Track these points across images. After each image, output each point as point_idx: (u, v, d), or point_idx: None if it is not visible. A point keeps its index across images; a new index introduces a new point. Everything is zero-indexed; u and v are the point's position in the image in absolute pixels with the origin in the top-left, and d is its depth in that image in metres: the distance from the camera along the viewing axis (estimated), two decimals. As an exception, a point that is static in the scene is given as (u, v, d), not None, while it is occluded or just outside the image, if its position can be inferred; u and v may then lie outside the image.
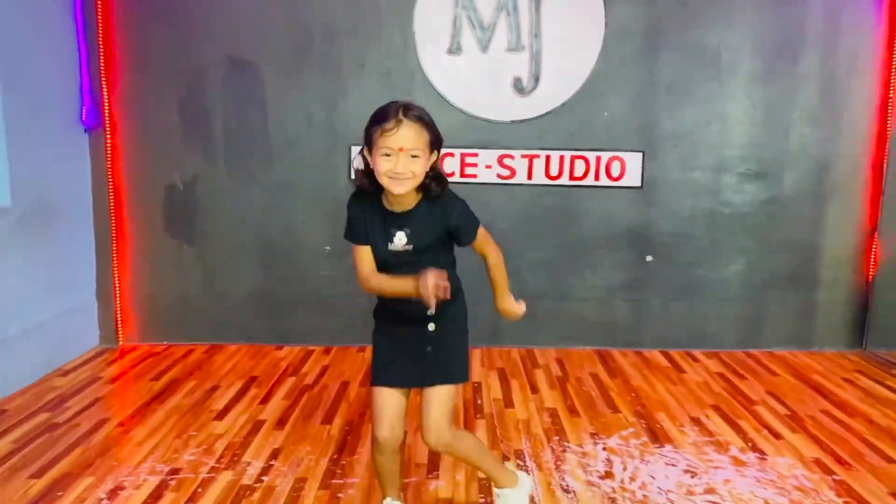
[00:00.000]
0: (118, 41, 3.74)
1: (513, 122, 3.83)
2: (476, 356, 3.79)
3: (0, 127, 3.14)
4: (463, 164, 3.84)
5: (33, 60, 3.35)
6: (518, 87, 3.80)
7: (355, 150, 3.78)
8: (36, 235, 3.38)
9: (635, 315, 3.99)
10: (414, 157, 1.81)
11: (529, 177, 3.85)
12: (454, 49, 3.76)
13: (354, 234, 1.96)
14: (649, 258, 3.95)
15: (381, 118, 1.82)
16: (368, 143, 1.87)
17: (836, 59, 3.79)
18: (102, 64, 3.72)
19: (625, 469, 2.55)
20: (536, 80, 3.80)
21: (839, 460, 2.62)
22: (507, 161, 3.84)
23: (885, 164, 3.82)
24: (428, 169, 1.88)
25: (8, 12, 3.17)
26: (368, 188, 1.92)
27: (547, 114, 3.82)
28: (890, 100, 3.77)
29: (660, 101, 3.83)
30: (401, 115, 1.80)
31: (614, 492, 2.38)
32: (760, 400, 3.23)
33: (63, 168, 3.63)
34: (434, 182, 1.91)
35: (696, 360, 3.81)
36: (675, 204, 3.91)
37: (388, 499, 2.09)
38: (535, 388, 3.36)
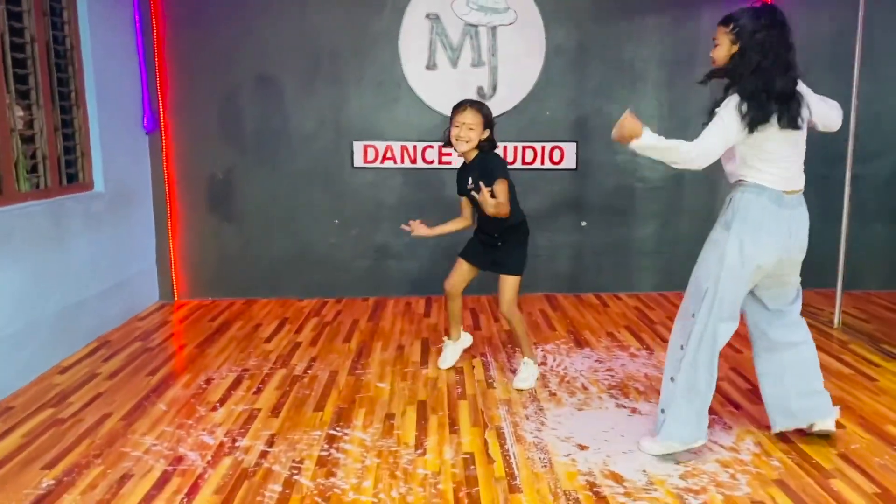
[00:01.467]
0: (169, 62, 4.83)
1: (477, 120, 4.98)
2: (453, 301, 4.96)
3: (96, 133, 4.24)
4: (440, 154, 4.98)
5: (113, 80, 4.43)
6: (481, 93, 4.94)
7: (357, 143, 4.95)
8: (119, 214, 4.48)
9: (574, 267, 5.18)
10: (471, 129, 3.22)
11: (491, 162, 5.00)
12: (431, 65, 4.90)
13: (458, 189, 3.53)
14: (584, 223, 5.12)
15: (456, 107, 3.29)
16: (450, 122, 3.33)
17: (722, 67, 4.97)
18: (159, 81, 4.81)
19: (554, 360, 3.73)
20: (494, 88, 4.94)
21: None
22: (473, 150, 4.99)
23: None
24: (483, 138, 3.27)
25: (97, 42, 4.25)
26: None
27: (503, 114, 4.96)
28: (763, 98, 4.96)
29: (588, 101, 4.99)
30: (465, 105, 3.27)
31: (545, 372, 3.56)
32: (660, 322, 4.43)
33: (133, 162, 4.72)
34: (486, 142, 3.30)
35: (619, 299, 5.01)
36: (603, 181, 5.08)
37: (447, 338, 3.65)
38: (496, 319, 4.53)
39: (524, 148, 5.01)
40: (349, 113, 4.96)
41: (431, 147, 4.97)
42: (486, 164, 3.27)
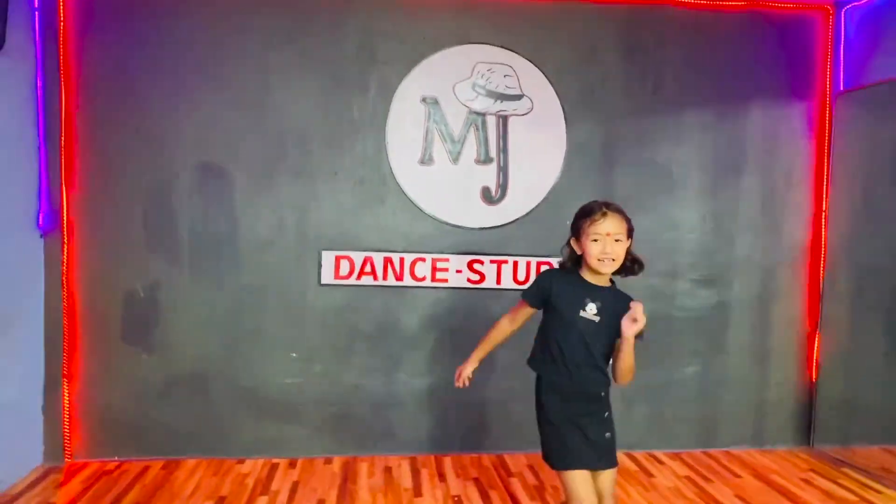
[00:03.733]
0: (80, 143, 3.65)
1: (482, 228, 3.94)
2: (447, 464, 3.75)
3: (-39, 237, 2.98)
4: (434, 269, 3.89)
5: (1, 162, 3.22)
6: (487, 196, 3.93)
7: (326, 254, 3.82)
8: (-12, 349, 3.17)
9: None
10: (617, 241, 2.31)
11: (498, 281, 3.94)
12: (426, 160, 3.87)
13: (533, 297, 2.51)
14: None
15: (588, 212, 2.38)
16: (577, 232, 2.41)
17: (774, 174, 4.14)
18: (63, 167, 3.61)
19: (626, 588, 2.57)
20: (503, 190, 3.94)
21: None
22: (476, 266, 3.93)
23: (822, 270, 4.14)
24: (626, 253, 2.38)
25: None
26: (567, 265, 2.47)
27: (514, 221, 3.96)
28: (823, 211, 4.13)
29: (618, 211, 4.03)
30: (604, 209, 2.36)
31: None
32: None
33: (16, 273, 3.44)
34: (635, 264, 2.43)
35: (660, 462, 3.91)
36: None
37: None
38: (514, 500, 3.35)
39: (538, 264, 3.98)
40: (318, 215, 3.84)
41: (424, 260, 3.88)
42: (625, 302, 2.37)
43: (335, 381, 3.89)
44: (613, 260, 2.36)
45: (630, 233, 2.42)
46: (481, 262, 3.94)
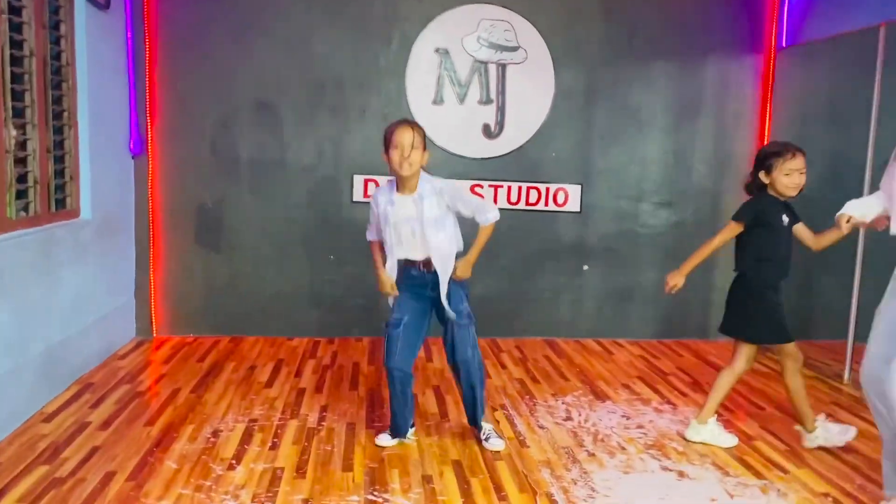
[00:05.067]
0: (160, 82, 4.54)
1: (483, 159, 4.85)
2: (452, 344, 4.77)
3: (86, 155, 3.91)
4: (443, 191, 4.82)
5: (104, 99, 4.11)
6: (487, 132, 4.82)
7: (357, 177, 4.74)
8: (104, 243, 4.13)
9: (575, 311, 5.07)
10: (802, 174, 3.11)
11: (495, 202, 4.87)
12: (438, 100, 4.75)
13: (748, 217, 3.21)
14: (585, 267, 5.03)
15: (782, 152, 3.12)
16: (768, 167, 3.14)
17: (726, 116, 5.01)
18: (148, 102, 4.51)
19: (580, 415, 3.58)
20: (501, 127, 4.83)
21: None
22: (477, 189, 4.85)
23: (760, 198, 5.05)
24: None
25: (92, 59, 3.93)
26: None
27: (509, 153, 4.86)
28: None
29: (594, 145, 4.93)
30: (794, 151, 3.11)
31: (575, 428, 3.40)
32: (671, 373, 4.34)
33: (119, 188, 4.38)
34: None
35: (621, 346, 4.92)
36: (606, 225, 5.01)
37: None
38: (503, 366, 4.36)
39: (528, 188, 4.90)
40: (351, 145, 4.76)
41: (435, 184, 4.80)
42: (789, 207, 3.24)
43: (362, 279, 4.86)
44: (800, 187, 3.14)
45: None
46: (481, 186, 4.86)
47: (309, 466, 2.88)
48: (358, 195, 4.77)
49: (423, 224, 2.98)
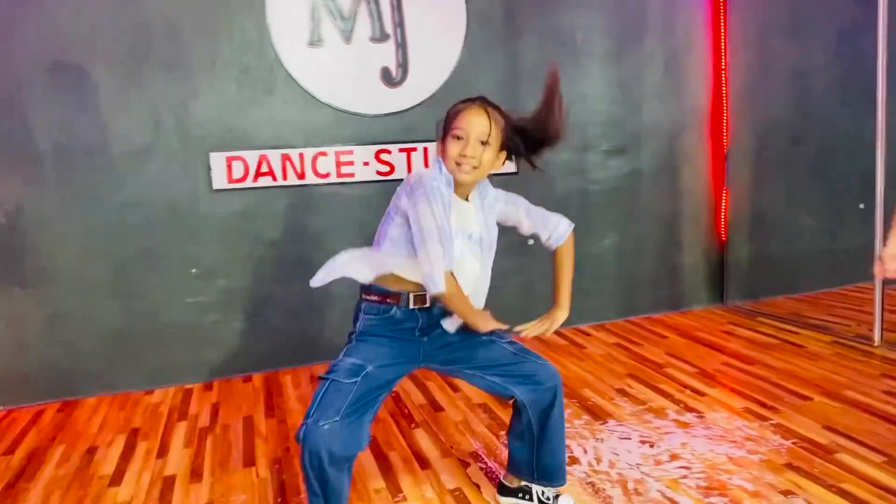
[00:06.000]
0: None
1: (385, 115, 3.65)
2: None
3: None
4: (338, 164, 3.58)
5: None
6: (387, 78, 3.63)
7: (215, 156, 3.43)
8: None
9: (523, 298, 3.99)
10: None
11: (409, 170, 3.69)
12: (315, 41, 3.50)
13: None
14: (531, 241, 3.96)
15: None
16: None
17: (675, 35, 4.06)
18: None
19: (585, 452, 2.50)
20: (405, 70, 3.65)
21: (765, 406, 2.78)
22: (384, 156, 3.65)
23: (725, 130, 4.15)
24: None
25: None
26: None
27: (418, 105, 3.69)
28: (722, 71, 4.11)
29: (524, 84, 3.84)
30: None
31: (589, 476, 2.32)
32: (665, 362, 3.37)
33: None
34: None
35: (587, 334, 3.90)
36: (547, 185, 3.96)
37: None
38: (455, 388, 3.22)
39: (448, 149, 3.75)
40: (200, 113, 3.41)
41: (326, 154, 3.56)
42: None
43: (244, 294, 3.56)
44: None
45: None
46: (388, 152, 3.67)
47: None
48: (220, 180, 3.45)
49: (480, 246, 1.98)
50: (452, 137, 1.90)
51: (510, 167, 3.77)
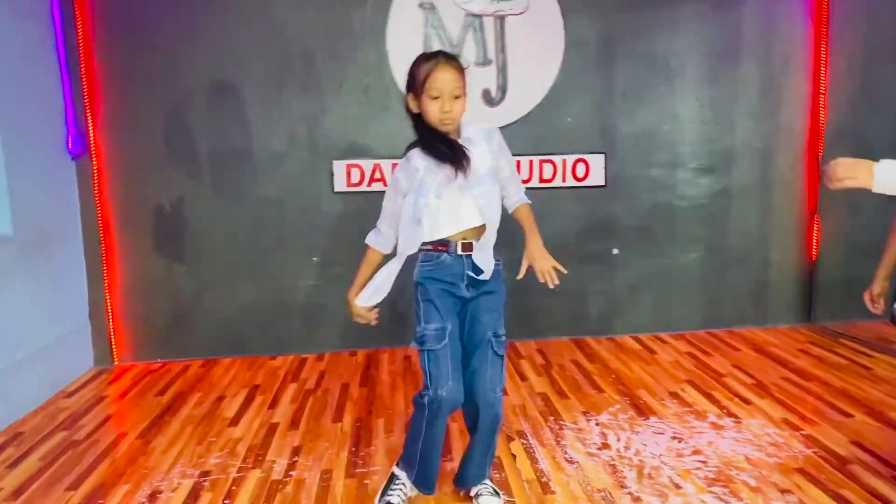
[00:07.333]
0: (99, 69, 3.85)
1: (484, 131, 4.08)
2: (463, 352, 4.03)
3: (0, 160, 3.24)
4: (440, 173, 4.07)
5: (22, 94, 3.44)
6: (487, 98, 4.06)
7: (337, 164, 4.02)
8: (36, 262, 3.47)
9: (606, 304, 4.30)
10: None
11: (502, 181, 4.11)
12: (426, 65, 4.00)
13: None
14: (615, 251, 4.26)
15: None
16: None
17: (772, 59, 4.18)
18: (85, 92, 3.83)
19: (619, 440, 2.82)
20: (504, 91, 4.07)
21: (804, 418, 2.95)
22: (480, 168, 4.09)
23: (820, 154, 4.22)
24: None
25: (2, 42, 3.27)
26: None
27: (515, 122, 4.09)
28: (821, 95, 4.17)
29: (617, 105, 4.14)
30: None
31: (613, 460, 2.65)
32: (728, 373, 3.56)
33: (54, 196, 3.72)
34: None
35: (664, 342, 4.13)
36: (637, 199, 4.23)
37: None
38: (523, 377, 3.61)
39: (542, 162, 4.13)
40: (327, 127, 4.03)
41: (430, 165, 4.06)
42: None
43: (352, 281, 4.14)
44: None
45: None
46: (486, 163, 4.10)
47: (262, 542, 2.18)
48: (340, 184, 4.05)
49: (476, 175, 2.17)
50: (429, 98, 2.11)
51: (599, 180, 4.14)
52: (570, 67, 4.09)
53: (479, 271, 2.24)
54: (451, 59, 2.18)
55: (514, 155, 4.03)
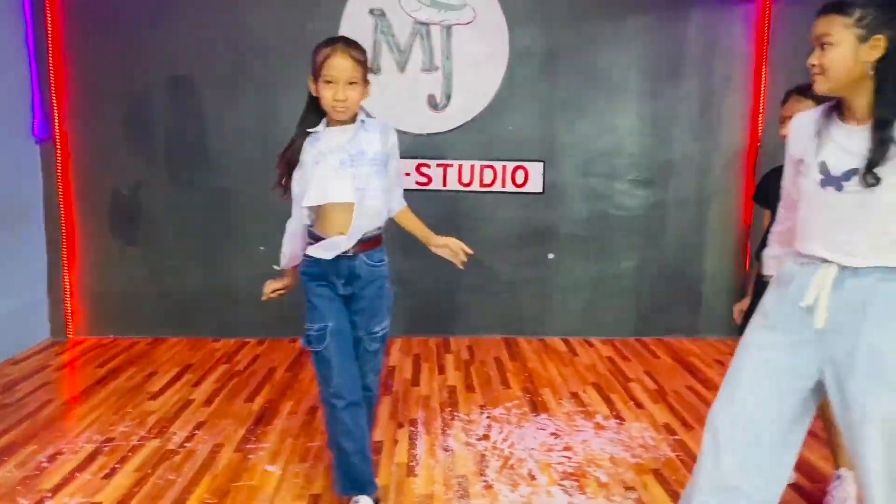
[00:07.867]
0: (67, 59, 4.11)
1: (428, 134, 4.26)
2: (396, 344, 4.21)
3: (-44, 140, 3.50)
4: (383, 172, 4.26)
5: (-13, 79, 3.71)
6: (432, 103, 4.24)
7: (285, 159, 4.21)
8: (2, 237, 3.74)
9: (539, 306, 4.45)
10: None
11: (444, 184, 4.29)
12: (375, 69, 4.19)
13: None
14: (551, 256, 4.40)
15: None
16: None
17: (713, 77, 4.29)
18: (53, 80, 4.08)
19: (501, 433, 2.99)
20: (448, 97, 4.24)
21: (685, 424, 3.08)
22: (423, 169, 4.27)
23: (755, 169, 4.31)
24: None
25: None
26: None
27: (458, 127, 4.26)
28: (760, 114, 4.27)
29: (558, 115, 4.29)
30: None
31: (486, 450, 2.82)
32: (636, 378, 3.69)
33: (19, 177, 3.98)
34: None
35: (591, 345, 4.27)
36: (574, 207, 4.37)
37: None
38: (441, 371, 3.79)
39: (482, 167, 4.30)
40: (280, 123, 4.22)
41: (374, 164, 4.25)
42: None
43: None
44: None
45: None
46: (427, 166, 4.28)
47: (133, 503, 2.39)
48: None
49: (361, 156, 2.19)
50: (324, 83, 2.14)
51: (537, 188, 4.28)
52: (515, 77, 4.24)
53: (354, 273, 2.26)
54: (350, 46, 2.17)
55: (455, 160, 4.23)
